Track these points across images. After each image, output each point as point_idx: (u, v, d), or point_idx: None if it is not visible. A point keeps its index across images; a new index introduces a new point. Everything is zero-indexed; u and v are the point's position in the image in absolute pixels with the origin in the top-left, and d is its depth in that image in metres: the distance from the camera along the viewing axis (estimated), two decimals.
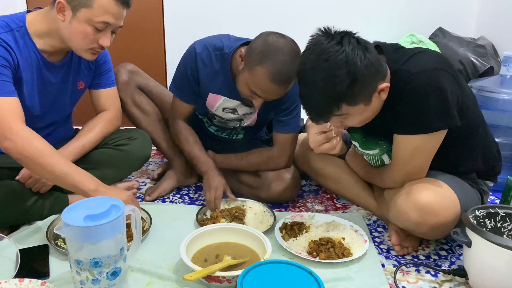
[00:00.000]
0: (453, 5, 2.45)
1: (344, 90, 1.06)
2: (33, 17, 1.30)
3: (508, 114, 1.73)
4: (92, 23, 1.23)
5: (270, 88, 1.33)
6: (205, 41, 1.53)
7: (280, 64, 1.30)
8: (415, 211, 1.16)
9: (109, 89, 1.55)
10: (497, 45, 2.28)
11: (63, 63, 1.39)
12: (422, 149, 1.20)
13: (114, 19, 1.25)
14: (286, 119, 1.56)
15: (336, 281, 1.15)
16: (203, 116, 1.71)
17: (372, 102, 1.14)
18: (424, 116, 1.13)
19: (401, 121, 1.18)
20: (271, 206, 1.56)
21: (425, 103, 1.12)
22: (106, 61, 1.52)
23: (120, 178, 1.61)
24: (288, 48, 1.32)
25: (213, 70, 1.52)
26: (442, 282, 1.18)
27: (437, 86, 1.11)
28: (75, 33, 1.25)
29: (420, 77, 1.12)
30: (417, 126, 1.16)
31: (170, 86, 1.64)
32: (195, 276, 1.05)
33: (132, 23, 2.43)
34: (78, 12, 1.22)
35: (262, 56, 1.31)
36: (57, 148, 1.41)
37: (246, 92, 1.40)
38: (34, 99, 1.35)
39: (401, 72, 1.15)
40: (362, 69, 1.06)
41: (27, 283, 1.04)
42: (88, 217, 0.92)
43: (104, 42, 1.28)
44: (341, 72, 1.05)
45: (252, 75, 1.34)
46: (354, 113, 1.15)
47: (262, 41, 1.35)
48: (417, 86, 1.12)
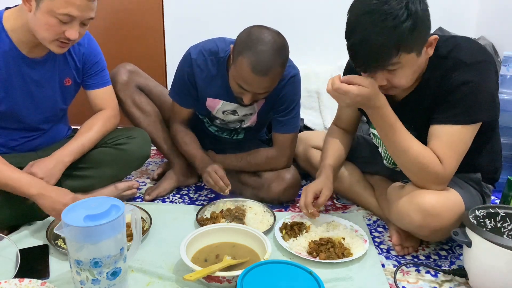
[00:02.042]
0: (453, 5, 2.45)
1: (407, 33, 1.03)
2: (9, 13, 1.29)
3: (508, 114, 1.73)
4: (54, 14, 1.18)
5: (252, 78, 1.32)
6: (200, 46, 1.53)
7: (260, 53, 1.29)
8: (418, 213, 1.15)
9: (104, 88, 1.54)
10: (497, 45, 2.28)
11: (45, 59, 1.36)
12: (457, 143, 1.15)
13: (79, 11, 1.19)
14: (285, 119, 1.56)
15: (336, 281, 1.15)
16: (203, 117, 1.71)
17: (422, 55, 1.12)
18: (474, 107, 1.12)
19: (446, 110, 1.15)
20: (271, 206, 1.56)
21: (477, 95, 1.12)
22: (98, 60, 1.50)
23: (119, 177, 1.61)
24: (270, 38, 1.32)
25: (210, 75, 1.52)
26: (442, 282, 1.18)
27: (487, 78, 1.12)
28: (39, 24, 1.21)
29: (473, 68, 1.12)
30: (463, 116, 1.13)
31: (170, 91, 1.65)
32: (195, 276, 1.05)
33: (132, 23, 2.43)
34: (41, 3, 1.18)
35: (244, 47, 1.32)
36: (56, 148, 1.41)
37: (235, 88, 1.40)
38: (15, 98, 1.33)
39: (452, 60, 1.14)
40: (421, 13, 1.05)
41: (27, 283, 1.04)
42: (88, 217, 0.92)
43: (71, 35, 1.22)
44: (403, 14, 1.02)
45: (235, 68, 1.34)
46: (406, 64, 1.10)
47: (245, 34, 1.36)
48: (470, 78, 1.11)
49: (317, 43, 2.47)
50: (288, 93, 1.51)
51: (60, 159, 1.37)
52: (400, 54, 1.07)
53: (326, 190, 1.34)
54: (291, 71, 1.51)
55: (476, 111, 1.13)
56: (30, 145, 1.47)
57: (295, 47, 2.42)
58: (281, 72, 1.38)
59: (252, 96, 1.39)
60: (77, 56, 1.45)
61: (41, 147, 1.49)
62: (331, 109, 2.22)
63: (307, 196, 1.34)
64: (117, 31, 2.43)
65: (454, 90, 1.13)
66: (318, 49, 2.47)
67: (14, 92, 1.33)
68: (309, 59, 2.40)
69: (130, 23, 2.43)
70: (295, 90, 1.55)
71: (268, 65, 1.31)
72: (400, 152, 1.18)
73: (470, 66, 1.12)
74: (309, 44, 2.45)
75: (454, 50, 1.15)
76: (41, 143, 1.50)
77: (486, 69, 1.13)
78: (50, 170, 1.33)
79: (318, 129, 2.13)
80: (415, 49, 1.09)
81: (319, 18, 2.44)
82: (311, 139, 1.68)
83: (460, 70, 1.13)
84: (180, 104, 1.63)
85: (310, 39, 2.45)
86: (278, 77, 1.39)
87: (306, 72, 2.28)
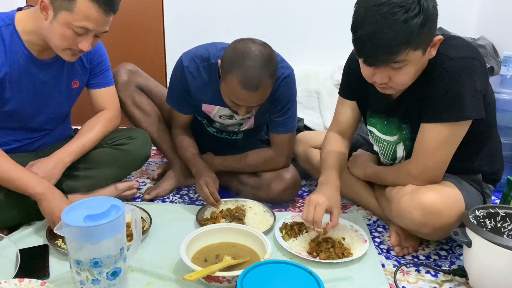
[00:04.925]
0: (453, 5, 2.44)
1: (417, 28, 1.02)
2: (22, 15, 1.30)
3: (508, 114, 1.73)
4: (71, 26, 1.21)
5: (243, 95, 1.32)
6: (191, 52, 1.52)
7: (248, 69, 1.29)
8: (419, 210, 1.15)
9: (107, 88, 1.55)
10: (497, 45, 2.28)
11: (55, 60, 1.38)
12: (447, 141, 1.16)
13: (95, 25, 1.22)
14: (282, 119, 1.56)
15: (336, 281, 1.15)
16: (202, 118, 1.71)
17: (426, 54, 1.11)
18: (457, 102, 1.11)
19: (432, 106, 1.15)
20: (271, 206, 1.56)
21: (460, 89, 1.11)
22: (103, 60, 1.52)
23: (120, 177, 1.61)
24: (257, 52, 1.31)
25: (203, 82, 1.52)
26: (442, 282, 1.18)
27: (471, 74, 1.11)
28: (54, 33, 1.23)
29: (457, 62, 1.11)
30: (449, 112, 1.13)
31: (167, 98, 1.65)
32: (195, 276, 1.04)
33: (132, 23, 2.43)
34: (59, 14, 1.20)
35: (231, 65, 1.31)
36: (57, 148, 1.41)
37: (228, 102, 1.40)
38: (22, 97, 1.34)
39: (438, 55, 1.14)
40: (432, 10, 1.04)
41: (27, 283, 1.04)
42: (88, 217, 0.92)
43: (84, 47, 1.25)
44: (415, 8, 1.01)
45: (226, 85, 1.34)
46: (411, 62, 1.09)
47: (231, 50, 1.34)
48: (453, 71, 1.11)
49: (317, 43, 2.47)
50: (283, 94, 1.51)
51: (60, 159, 1.37)
52: (409, 51, 1.06)
53: (337, 211, 1.25)
54: (285, 71, 1.49)
55: (459, 107, 1.12)
56: (32, 146, 1.47)
57: (295, 47, 2.44)
58: (271, 83, 1.38)
59: (246, 109, 1.39)
60: (85, 56, 1.46)
61: (42, 148, 1.50)
62: (331, 109, 2.21)
63: (319, 213, 1.21)
64: (117, 31, 2.42)
65: (435, 83, 1.14)
66: (318, 49, 2.47)
67: (22, 92, 1.34)
68: (309, 59, 2.40)
69: (130, 23, 2.43)
70: (290, 90, 1.53)
71: (258, 80, 1.30)
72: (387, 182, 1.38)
73: (453, 60, 1.11)
74: (309, 44, 2.45)
75: (441, 46, 1.15)
76: (43, 144, 1.50)
77: (470, 65, 1.11)
78: (50, 170, 1.33)
79: (318, 129, 2.13)
80: (421, 47, 1.08)
81: (319, 18, 2.44)
82: (311, 139, 1.68)
83: (443, 65, 1.12)
84: (178, 111, 1.63)
85: (310, 39, 2.45)
86: (269, 89, 1.38)
87: (306, 72, 2.28)
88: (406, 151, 1.33)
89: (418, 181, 1.22)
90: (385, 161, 1.46)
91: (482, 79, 1.14)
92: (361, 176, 1.53)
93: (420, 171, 1.22)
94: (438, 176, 1.22)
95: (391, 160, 1.41)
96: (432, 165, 1.20)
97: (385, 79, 1.14)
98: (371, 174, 1.47)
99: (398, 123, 1.30)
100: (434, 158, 1.19)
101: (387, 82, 1.15)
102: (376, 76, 1.14)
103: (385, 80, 1.14)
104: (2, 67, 1.27)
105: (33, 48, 1.31)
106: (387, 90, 1.19)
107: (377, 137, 1.39)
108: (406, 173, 1.26)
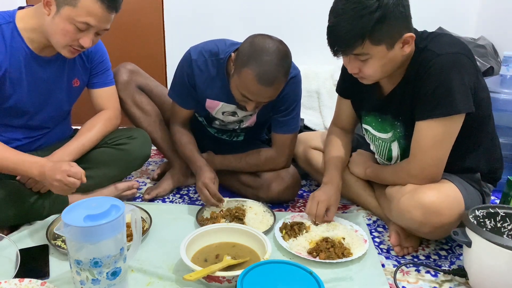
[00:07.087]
0: (453, 5, 2.45)
1: (372, 23, 1.08)
2: (23, 13, 1.31)
3: (508, 114, 1.73)
4: (73, 22, 1.22)
5: (258, 89, 1.32)
6: (200, 47, 1.52)
7: (266, 64, 1.29)
8: (419, 210, 1.15)
9: (107, 88, 1.55)
10: (497, 45, 2.28)
11: (56, 58, 1.38)
12: (442, 137, 1.18)
13: (97, 21, 1.23)
14: (285, 119, 1.56)
15: (336, 281, 1.15)
16: (202, 118, 1.70)
17: (394, 49, 1.14)
18: (448, 97, 1.13)
19: (424, 103, 1.17)
20: (271, 206, 1.56)
21: (449, 85, 1.12)
22: (103, 60, 1.52)
23: (120, 177, 1.61)
24: (274, 48, 1.31)
25: (210, 76, 1.52)
26: (442, 282, 1.18)
27: (459, 69, 1.12)
28: (56, 29, 1.24)
29: (445, 58, 1.13)
30: (440, 108, 1.14)
31: (169, 92, 1.64)
32: (195, 276, 1.05)
33: (132, 23, 2.43)
34: (62, 8, 1.21)
35: (248, 58, 1.31)
36: (57, 148, 1.41)
37: (238, 96, 1.39)
38: (23, 95, 1.34)
39: (427, 51, 1.17)
40: (392, 7, 1.08)
41: (27, 283, 1.05)
42: (88, 217, 0.92)
43: (85, 43, 1.26)
44: (373, 5, 1.07)
45: (240, 78, 1.33)
46: (375, 56, 1.14)
47: (248, 44, 1.35)
48: (441, 67, 1.13)
49: (317, 43, 2.43)
50: (288, 94, 1.51)
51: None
52: (365, 44, 1.11)
53: (333, 209, 1.40)
54: (292, 71, 1.50)
55: (450, 101, 1.13)
56: (32, 145, 1.47)
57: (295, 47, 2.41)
58: (285, 81, 1.38)
59: (255, 104, 1.39)
60: (85, 56, 1.46)
61: (42, 147, 1.49)
62: (331, 109, 2.21)
63: (320, 209, 1.37)
64: (117, 31, 2.42)
65: (426, 83, 1.16)
66: (318, 49, 2.44)
67: (22, 89, 1.34)
68: (309, 59, 2.39)
69: (130, 23, 2.43)
70: (296, 91, 1.54)
71: (274, 75, 1.30)
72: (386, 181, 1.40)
73: (440, 56, 1.14)
74: (309, 44, 2.45)
75: (430, 43, 1.17)
76: (43, 143, 1.50)
77: (458, 60, 1.13)
78: None
79: (318, 129, 2.13)
80: (384, 42, 1.12)
81: (319, 18, 2.42)
82: (311, 139, 1.68)
83: (431, 61, 1.14)
84: (180, 105, 1.62)
85: (310, 39, 2.45)
86: (282, 86, 1.39)
87: (306, 72, 2.28)
88: (401, 150, 1.34)
89: (417, 180, 1.23)
90: (381, 161, 1.46)
91: (471, 74, 1.15)
92: (361, 175, 1.53)
93: (419, 169, 1.23)
94: (437, 173, 1.23)
95: (387, 159, 1.41)
96: (430, 162, 1.21)
97: (355, 70, 1.21)
98: (371, 173, 1.48)
99: (391, 120, 1.32)
100: (432, 156, 1.20)
101: (358, 73, 1.21)
102: (348, 66, 1.22)
103: (355, 71, 1.21)
104: (2, 64, 1.27)
105: (34, 46, 1.32)
106: (363, 80, 1.25)
107: (373, 135, 1.41)
108: (405, 172, 1.27)
